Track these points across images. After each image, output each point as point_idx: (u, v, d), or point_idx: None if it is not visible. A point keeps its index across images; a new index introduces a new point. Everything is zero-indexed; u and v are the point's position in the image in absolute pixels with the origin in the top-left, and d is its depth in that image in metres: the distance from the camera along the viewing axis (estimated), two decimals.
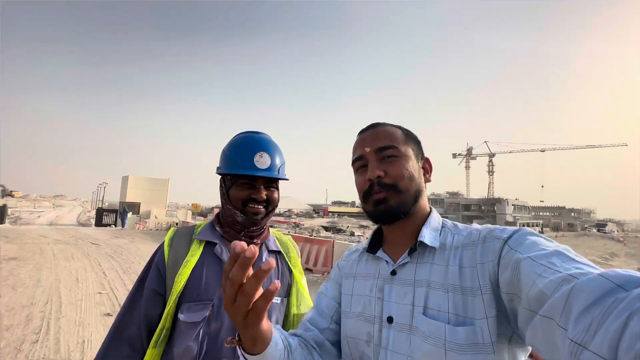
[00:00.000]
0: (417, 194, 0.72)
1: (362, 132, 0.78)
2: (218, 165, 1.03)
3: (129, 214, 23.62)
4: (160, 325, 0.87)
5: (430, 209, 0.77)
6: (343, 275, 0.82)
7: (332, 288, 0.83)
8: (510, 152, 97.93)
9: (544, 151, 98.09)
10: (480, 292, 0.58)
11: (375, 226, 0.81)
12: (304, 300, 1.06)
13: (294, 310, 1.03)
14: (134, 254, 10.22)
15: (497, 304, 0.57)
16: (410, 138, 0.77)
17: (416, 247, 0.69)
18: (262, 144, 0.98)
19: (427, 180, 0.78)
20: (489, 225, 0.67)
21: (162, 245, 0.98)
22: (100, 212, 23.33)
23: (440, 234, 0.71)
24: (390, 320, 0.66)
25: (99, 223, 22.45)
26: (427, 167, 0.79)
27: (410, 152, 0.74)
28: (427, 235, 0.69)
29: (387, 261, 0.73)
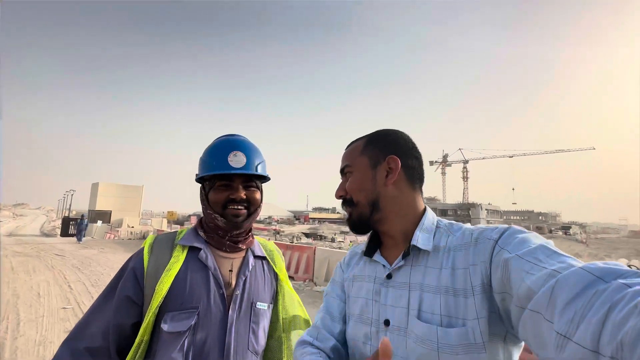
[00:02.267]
0: (374, 202, 0.73)
1: None
2: (196, 173, 1.00)
3: (98, 224, 22.36)
4: (138, 338, 0.81)
5: (425, 208, 0.76)
6: (345, 279, 0.84)
7: (337, 289, 0.85)
8: (483, 159, 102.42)
9: (512, 157, 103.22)
10: (472, 293, 0.59)
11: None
12: (293, 302, 1.06)
13: (283, 314, 1.03)
14: (103, 265, 9.64)
15: (489, 304, 0.58)
16: (370, 144, 0.77)
17: (409, 252, 0.70)
18: (235, 143, 0.96)
19: (388, 182, 0.72)
20: (481, 226, 0.68)
21: (141, 251, 0.91)
22: (66, 222, 21.90)
23: (434, 236, 0.71)
24: (387, 323, 0.68)
25: (65, 233, 21.06)
26: (392, 166, 0.73)
27: (363, 162, 0.76)
28: (421, 239, 0.70)
29: (383, 265, 0.74)
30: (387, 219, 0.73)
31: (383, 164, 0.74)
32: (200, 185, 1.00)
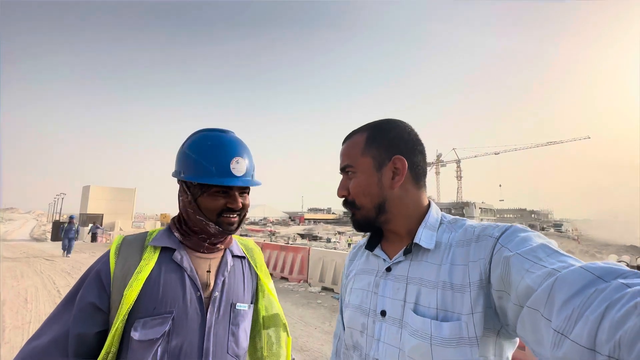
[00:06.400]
0: (379, 205, 0.72)
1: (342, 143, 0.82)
2: (178, 170, 0.88)
3: (90, 229, 22.00)
4: (105, 349, 0.74)
5: (429, 203, 0.75)
6: (349, 272, 0.87)
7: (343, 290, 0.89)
8: (475, 157, 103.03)
9: (498, 154, 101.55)
10: (469, 288, 0.60)
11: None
12: (272, 303, 1.02)
13: (263, 312, 1.00)
14: None
15: (485, 300, 0.58)
16: (372, 142, 0.73)
17: (411, 249, 0.70)
18: (236, 147, 0.87)
19: (394, 185, 0.71)
20: (484, 223, 0.68)
21: (106, 254, 0.84)
22: (57, 226, 21.49)
23: (437, 231, 0.71)
24: (383, 313, 0.69)
25: (55, 237, 20.68)
26: (398, 166, 0.71)
27: (366, 163, 0.73)
28: (423, 237, 0.70)
29: (384, 259, 0.76)
30: (393, 219, 0.73)
31: (388, 165, 0.71)
32: (181, 182, 0.89)
